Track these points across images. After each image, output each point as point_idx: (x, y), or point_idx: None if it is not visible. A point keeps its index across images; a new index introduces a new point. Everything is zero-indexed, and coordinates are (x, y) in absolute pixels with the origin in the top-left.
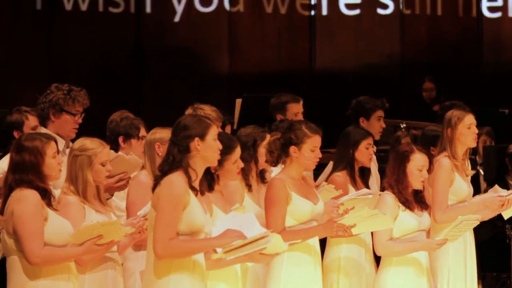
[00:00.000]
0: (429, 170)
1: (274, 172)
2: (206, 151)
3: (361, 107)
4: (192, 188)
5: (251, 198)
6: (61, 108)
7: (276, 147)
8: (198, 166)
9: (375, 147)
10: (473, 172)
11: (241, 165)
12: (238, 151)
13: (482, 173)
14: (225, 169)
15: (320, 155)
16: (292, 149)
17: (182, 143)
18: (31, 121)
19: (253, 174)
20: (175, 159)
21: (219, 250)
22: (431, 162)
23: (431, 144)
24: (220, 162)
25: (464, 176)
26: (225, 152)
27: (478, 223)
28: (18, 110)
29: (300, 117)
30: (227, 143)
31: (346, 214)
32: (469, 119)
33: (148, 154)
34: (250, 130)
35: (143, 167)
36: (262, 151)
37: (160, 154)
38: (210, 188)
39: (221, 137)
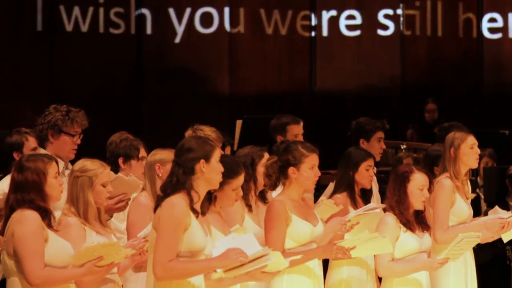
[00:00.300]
0: (430, 190)
1: (275, 192)
2: (210, 173)
3: (361, 128)
4: (193, 210)
5: (251, 218)
6: (59, 129)
7: (274, 170)
8: (201, 188)
9: (375, 168)
10: (474, 195)
11: (240, 193)
12: (241, 178)
13: (482, 196)
14: (224, 193)
15: (319, 173)
16: (291, 170)
17: (187, 164)
18: (31, 142)
19: (253, 194)
20: (179, 181)
21: (218, 269)
22: (431, 182)
23: (435, 164)
24: (221, 185)
25: (465, 198)
26: (228, 175)
27: (479, 241)
28: (18, 131)
29: (301, 138)
30: (232, 167)
31: (351, 229)
32: (471, 140)
33: (148, 175)
34: (248, 150)
35: (143, 189)
36: (260, 170)
37: (160, 175)
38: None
39: (227, 159)
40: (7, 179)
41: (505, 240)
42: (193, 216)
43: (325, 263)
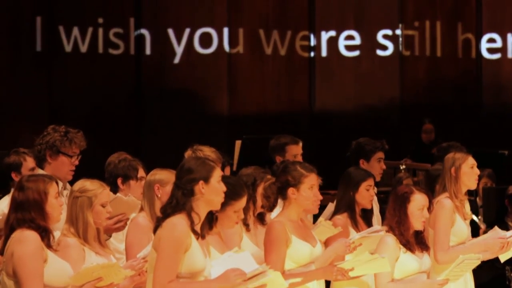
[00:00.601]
0: (429, 210)
1: (274, 213)
2: (210, 194)
3: (361, 148)
4: (194, 231)
5: (249, 238)
6: (57, 150)
7: (273, 191)
8: (201, 209)
9: (376, 188)
10: (472, 216)
11: (242, 216)
12: (243, 200)
13: (477, 220)
14: (226, 214)
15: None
16: (291, 191)
17: (186, 186)
18: (29, 162)
19: (251, 214)
20: (178, 202)
21: None
22: (430, 202)
23: (436, 183)
24: (223, 206)
25: (463, 218)
26: (231, 197)
27: (479, 262)
28: (16, 152)
29: (300, 158)
30: (235, 189)
31: (354, 250)
32: (471, 160)
33: (147, 195)
34: (251, 170)
35: (141, 209)
36: (261, 191)
37: (159, 196)
38: (209, 228)
39: (230, 180)
40: (5, 200)
41: (502, 260)
42: (193, 237)
43: (327, 282)
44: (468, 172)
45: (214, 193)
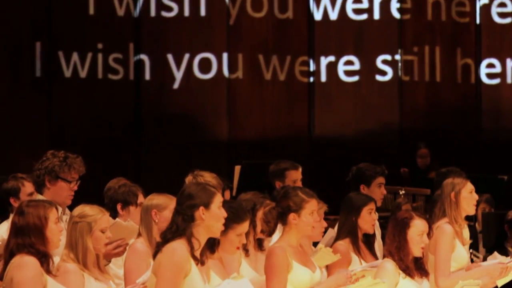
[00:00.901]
0: (429, 235)
1: (273, 238)
2: (210, 220)
3: (362, 174)
4: (194, 257)
5: (248, 263)
6: (56, 175)
7: (273, 217)
8: (201, 235)
9: (377, 213)
10: (470, 241)
11: (244, 241)
12: (246, 224)
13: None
14: (228, 238)
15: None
16: (292, 216)
17: (187, 212)
18: (27, 187)
19: (251, 239)
20: (178, 228)
21: None
22: (430, 227)
23: (435, 207)
24: (225, 229)
25: (462, 243)
26: (234, 220)
27: None
28: (14, 177)
29: (299, 184)
30: (238, 212)
31: (356, 281)
32: (470, 185)
33: (144, 221)
34: (250, 195)
35: (139, 234)
36: (260, 216)
37: (157, 221)
38: (211, 252)
39: (233, 204)
40: (4, 225)
41: (499, 285)
42: (193, 263)
43: None
44: (468, 198)
45: (215, 219)
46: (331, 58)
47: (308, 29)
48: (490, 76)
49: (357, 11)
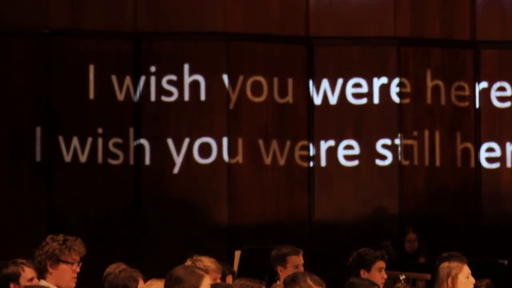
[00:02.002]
0: None
1: None
2: None
3: (362, 258)
4: None
5: None
6: (57, 259)
7: None
8: None
9: None
10: None
11: None
12: None
13: None
14: None
15: None
16: None
17: None
18: (27, 272)
19: None
20: None
21: None
22: None
23: None
24: None
25: None
26: None
27: None
28: (14, 262)
29: (301, 269)
30: None
31: None
32: (467, 269)
33: None
34: (245, 281)
35: None
36: None
37: None
38: None
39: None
40: None
41: None
42: None
43: None
44: (465, 282)
45: None
46: (331, 143)
47: (308, 113)
48: (490, 160)
49: (356, 96)
